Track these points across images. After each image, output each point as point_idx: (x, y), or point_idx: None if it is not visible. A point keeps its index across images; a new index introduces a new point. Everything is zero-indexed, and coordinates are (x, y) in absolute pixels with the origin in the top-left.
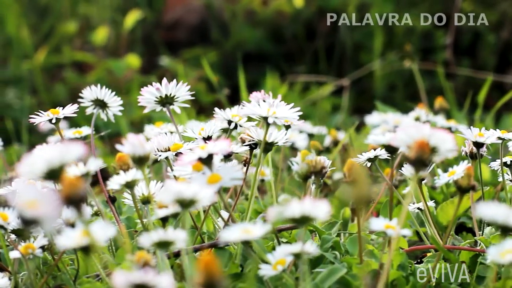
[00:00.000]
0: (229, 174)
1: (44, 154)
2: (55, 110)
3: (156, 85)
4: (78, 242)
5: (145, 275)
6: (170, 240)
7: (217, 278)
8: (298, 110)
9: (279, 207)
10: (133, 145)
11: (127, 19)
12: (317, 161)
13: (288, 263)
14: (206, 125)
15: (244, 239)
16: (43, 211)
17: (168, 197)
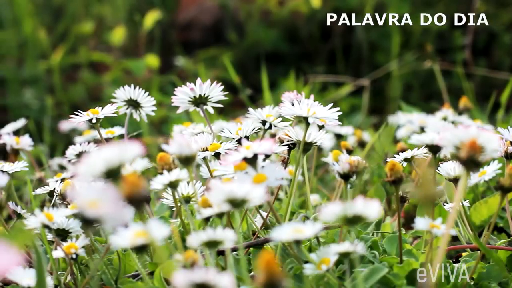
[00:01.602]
0: (274, 174)
1: (103, 154)
2: (95, 110)
3: (190, 85)
4: (133, 241)
5: (206, 274)
6: (219, 240)
7: (278, 277)
8: (338, 111)
9: (332, 206)
10: (180, 145)
11: (146, 19)
12: (359, 161)
13: (332, 263)
14: (243, 125)
15: (296, 239)
16: (105, 211)
17: (220, 196)
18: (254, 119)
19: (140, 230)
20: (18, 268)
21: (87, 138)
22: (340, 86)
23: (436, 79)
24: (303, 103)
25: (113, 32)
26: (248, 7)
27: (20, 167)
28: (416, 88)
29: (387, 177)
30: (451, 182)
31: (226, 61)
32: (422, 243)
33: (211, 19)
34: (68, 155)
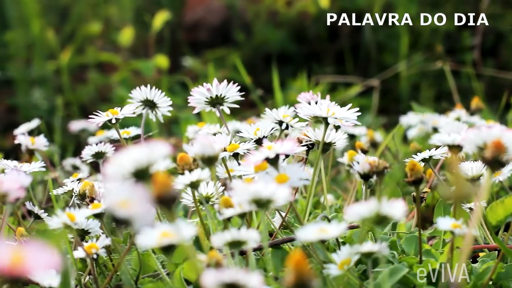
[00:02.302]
0: (296, 174)
1: (132, 154)
2: (114, 110)
3: (207, 86)
4: (159, 241)
5: (235, 274)
6: (243, 240)
7: (308, 277)
8: (356, 111)
9: (357, 207)
10: (203, 145)
11: (155, 20)
12: (379, 161)
13: (353, 263)
14: (261, 125)
15: (321, 239)
16: (135, 211)
17: (245, 197)
18: (270, 119)
19: (167, 230)
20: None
21: (100, 138)
22: (349, 87)
23: (444, 79)
24: (322, 104)
25: (122, 32)
26: (255, 7)
27: (37, 167)
28: (424, 88)
29: (407, 177)
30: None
31: (237, 62)
32: (440, 243)
33: (218, 19)
34: (84, 155)
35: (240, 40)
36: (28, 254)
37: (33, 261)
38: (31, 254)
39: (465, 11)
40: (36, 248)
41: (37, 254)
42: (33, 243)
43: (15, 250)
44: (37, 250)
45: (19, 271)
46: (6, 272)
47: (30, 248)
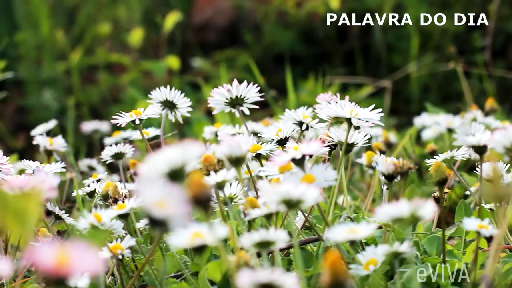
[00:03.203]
0: (323, 175)
1: (166, 154)
2: (137, 111)
3: (226, 86)
4: (191, 242)
5: (271, 274)
6: (272, 240)
7: (343, 277)
8: (380, 112)
9: (387, 207)
10: (230, 146)
11: (167, 20)
12: (404, 161)
13: (380, 263)
14: (283, 126)
15: (351, 239)
16: (171, 211)
17: (275, 197)
18: (290, 120)
19: (198, 231)
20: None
21: (116, 139)
22: (359, 87)
23: (454, 80)
24: (344, 104)
25: (131, 33)
26: (264, 8)
27: (58, 168)
28: (434, 89)
29: (432, 177)
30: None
31: (250, 63)
32: (461, 244)
33: (226, 20)
34: (104, 156)
35: (249, 41)
36: (72, 255)
37: (77, 261)
38: (76, 255)
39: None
40: (80, 248)
41: (81, 254)
42: (76, 244)
43: (60, 251)
44: (81, 250)
45: (64, 271)
46: (51, 272)
47: (74, 248)
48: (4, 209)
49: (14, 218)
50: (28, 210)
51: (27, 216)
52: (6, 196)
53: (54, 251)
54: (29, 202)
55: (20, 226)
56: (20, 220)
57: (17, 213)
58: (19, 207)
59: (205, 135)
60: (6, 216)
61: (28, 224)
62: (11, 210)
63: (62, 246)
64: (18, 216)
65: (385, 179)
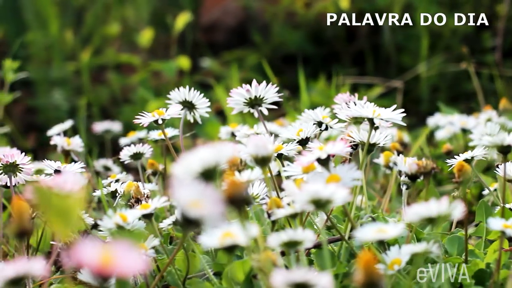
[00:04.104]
0: (348, 175)
1: (199, 155)
2: (160, 111)
3: (246, 87)
4: (222, 242)
5: (305, 274)
6: (300, 240)
7: (377, 277)
8: (402, 112)
9: (416, 207)
10: (256, 146)
11: (178, 21)
12: (427, 161)
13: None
14: (303, 126)
15: (380, 239)
16: (206, 211)
17: (304, 197)
18: (308, 120)
19: (229, 230)
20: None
21: (132, 139)
22: (369, 88)
23: (463, 81)
24: (367, 105)
25: (141, 33)
26: (273, 8)
27: (78, 168)
28: (443, 89)
29: (455, 177)
30: (509, 183)
31: (263, 63)
32: (482, 244)
33: (234, 20)
34: (122, 156)
35: (257, 41)
36: (116, 255)
37: (121, 261)
38: (120, 254)
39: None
40: (123, 248)
41: (124, 254)
42: (119, 243)
43: (104, 250)
44: (125, 250)
45: (108, 271)
46: (96, 271)
47: (118, 248)
48: (48, 208)
49: (57, 217)
50: (70, 209)
51: (70, 215)
52: (50, 195)
53: (98, 250)
54: (71, 201)
55: (63, 224)
56: (63, 219)
57: (61, 212)
58: (62, 206)
59: (221, 135)
60: (50, 214)
61: (71, 223)
62: (55, 209)
63: (106, 246)
64: (61, 215)
65: (408, 179)
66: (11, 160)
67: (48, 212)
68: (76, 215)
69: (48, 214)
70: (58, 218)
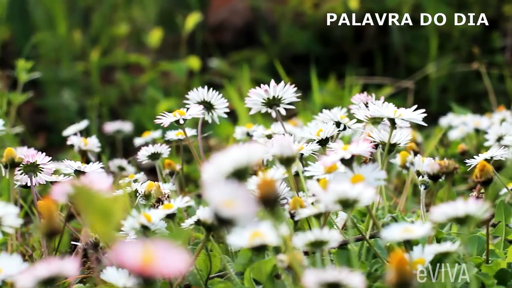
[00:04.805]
0: (372, 175)
1: (231, 154)
2: (181, 111)
3: (264, 87)
4: (251, 242)
5: (338, 273)
6: (326, 240)
7: (409, 277)
8: (423, 112)
9: (443, 206)
10: (281, 146)
11: (188, 21)
12: (449, 161)
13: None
14: (321, 126)
15: (407, 238)
16: (239, 211)
17: (331, 197)
18: (326, 120)
19: (258, 230)
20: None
21: (146, 139)
22: (379, 88)
23: (472, 81)
24: (387, 105)
25: (150, 34)
26: (281, 8)
27: (97, 168)
28: (452, 90)
29: (477, 178)
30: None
31: (276, 64)
32: (501, 243)
33: (242, 21)
34: (140, 156)
35: (265, 42)
36: (158, 254)
37: (163, 261)
38: (161, 254)
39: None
40: (165, 248)
41: (166, 254)
42: (160, 243)
43: (146, 250)
44: (167, 250)
45: (150, 271)
46: (138, 271)
47: (159, 248)
48: (90, 209)
49: (99, 218)
50: (113, 211)
51: (112, 217)
52: (92, 196)
53: (139, 250)
54: (114, 203)
55: (105, 226)
56: (105, 220)
57: (103, 213)
58: (105, 208)
59: (236, 135)
60: (92, 216)
61: (113, 224)
62: (97, 210)
63: (147, 246)
64: (104, 217)
65: (429, 179)
66: (32, 160)
67: (90, 213)
68: (118, 216)
69: (90, 215)
70: (100, 219)
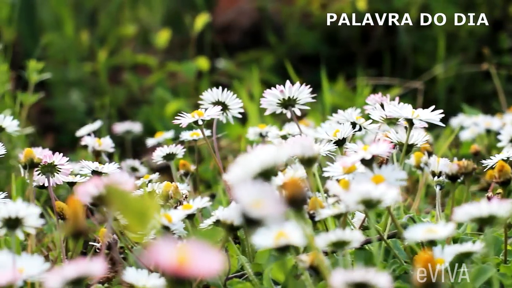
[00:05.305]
0: (393, 175)
1: (258, 155)
2: (200, 111)
3: (280, 88)
4: (276, 242)
5: (366, 273)
6: (348, 240)
7: (438, 278)
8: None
9: (467, 207)
10: (303, 146)
11: (197, 22)
12: (468, 162)
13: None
14: (340, 127)
15: (430, 239)
16: (268, 211)
17: (355, 197)
18: (341, 120)
19: (282, 231)
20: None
21: (158, 139)
22: (387, 89)
23: (479, 82)
24: (405, 106)
25: (158, 34)
26: (288, 9)
27: (113, 168)
28: (459, 91)
29: (495, 178)
30: None
31: (287, 65)
32: None
33: (249, 21)
34: (155, 157)
35: (272, 42)
36: (193, 255)
37: (198, 261)
38: (196, 255)
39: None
40: (199, 248)
41: (201, 254)
42: (195, 244)
43: (180, 251)
44: (201, 250)
45: (185, 271)
46: (172, 272)
47: (194, 248)
48: (125, 209)
49: (135, 219)
50: (148, 211)
51: (147, 217)
52: (127, 196)
53: (175, 251)
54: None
55: (140, 226)
56: (141, 221)
57: (139, 214)
58: (139, 208)
59: (248, 136)
60: (127, 216)
61: (148, 224)
62: (133, 211)
63: (182, 246)
64: (139, 217)
65: (448, 180)
66: (49, 161)
67: (126, 214)
68: (152, 216)
69: (126, 216)
70: (136, 220)
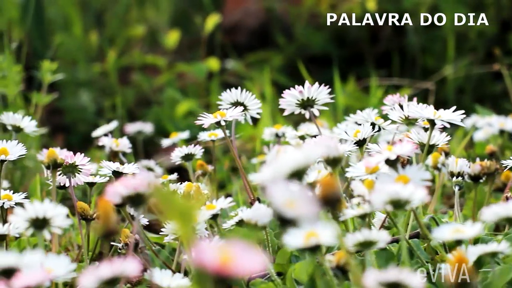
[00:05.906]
0: (418, 175)
1: (290, 155)
2: (222, 112)
3: (298, 88)
4: (306, 242)
5: (399, 273)
6: (375, 240)
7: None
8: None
9: (495, 207)
10: (328, 147)
11: (207, 22)
12: (490, 162)
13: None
14: (359, 128)
15: (458, 239)
16: (302, 211)
17: (383, 197)
18: (360, 121)
19: (313, 230)
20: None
21: (173, 140)
22: (397, 90)
23: (488, 82)
24: (426, 106)
25: (167, 35)
26: (296, 9)
27: (133, 168)
28: (468, 91)
29: None
30: None
31: (300, 65)
32: None
33: (256, 22)
34: (174, 157)
35: (281, 43)
36: (236, 255)
37: (241, 261)
38: (239, 254)
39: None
40: (242, 248)
41: (244, 254)
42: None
43: (223, 250)
44: (244, 250)
45: (228, 271)
46: (216, 272)
47: (237, 248)
48: (171, 211)
49: (180, 220)
50: (191, 212)
51: (191, 218)
52: (173, 198)
53: (217, 251)
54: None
55: (184, 227)
56: (185, 222)
57: (184, 215)
58: (183, 209)
59: (264, 137)
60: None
61: (192, 225)
62: (178, 213)
63: (224, 246)
64: (184, 218)
65: (471, 180)
66: (71, 161)
67: (171, 215)
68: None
69: (171, 217)
70: (181, 221)
